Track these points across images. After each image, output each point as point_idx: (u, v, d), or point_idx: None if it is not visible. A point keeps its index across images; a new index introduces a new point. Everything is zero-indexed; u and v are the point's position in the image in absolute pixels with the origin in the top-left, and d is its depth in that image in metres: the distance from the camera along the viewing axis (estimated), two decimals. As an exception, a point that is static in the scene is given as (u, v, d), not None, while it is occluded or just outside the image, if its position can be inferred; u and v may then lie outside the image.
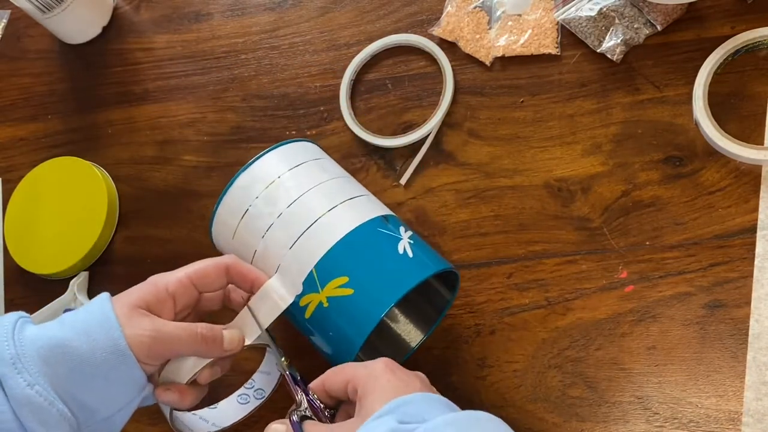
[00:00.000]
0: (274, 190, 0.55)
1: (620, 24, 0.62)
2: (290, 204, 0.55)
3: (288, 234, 0.54)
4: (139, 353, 0.49)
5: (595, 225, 0.59)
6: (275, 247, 0.54)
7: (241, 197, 0.56)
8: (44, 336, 0.48)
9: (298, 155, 0.58)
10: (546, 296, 0.58)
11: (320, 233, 0.53)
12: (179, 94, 0.77)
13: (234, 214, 0.56)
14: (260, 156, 0.57)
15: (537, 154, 0.63)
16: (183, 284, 0.53)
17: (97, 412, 0.49)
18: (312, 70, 0.73)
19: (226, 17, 0.79)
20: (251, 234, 0.55)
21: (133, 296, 0.51)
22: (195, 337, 0.51)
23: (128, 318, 0.50)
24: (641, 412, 0.53)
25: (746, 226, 0.55)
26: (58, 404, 0.47)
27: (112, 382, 0.49)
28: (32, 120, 0.81)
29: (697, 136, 0.59)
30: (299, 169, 0.57)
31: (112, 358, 0.48)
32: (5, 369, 0.47)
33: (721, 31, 0.61)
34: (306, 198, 0.55)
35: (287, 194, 0.55)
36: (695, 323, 0.54)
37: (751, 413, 0.51)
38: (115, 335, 0.49)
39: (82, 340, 0.48)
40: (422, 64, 0.70)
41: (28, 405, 0.46)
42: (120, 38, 0.82)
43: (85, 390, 0.48)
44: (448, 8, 0.70)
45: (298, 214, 0.54)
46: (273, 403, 0.59)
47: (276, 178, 0.56)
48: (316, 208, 0.54)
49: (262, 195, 0.55)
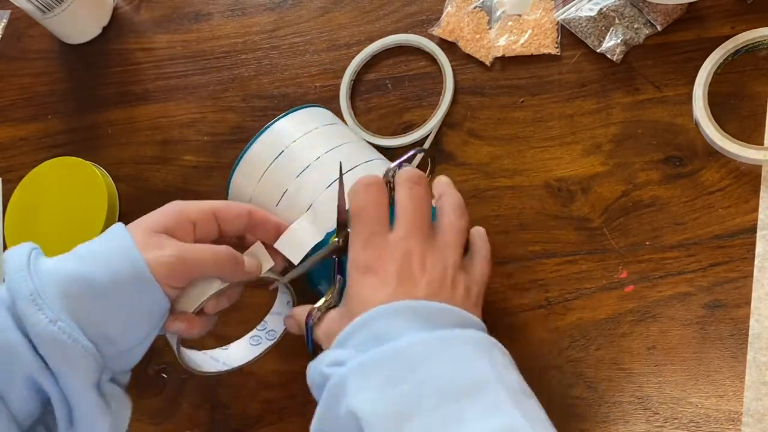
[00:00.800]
0: (314, 137, 0.58)
1: (620, 24, 0.62)
2: (329, 150, 0.57)
3: (326, 175, 0.55)
4: (161, 277, 0.48)
5: (595, 225, 0.59)
6: (310, 187, 0.55)
7: (277, 139, 0.57)
8: (63, 269, 0.46)
9: (333, 118, 0.62)
10: (546, 296, 0.58)
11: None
12: (179, 94, 0.77)
13: (268, 154, 0.57)
14: (299, 108, 0.60)
15: (537, 154, 0.63)
16: (206, 215, 0.52)
17: (121, 344, 0.48)
18: (312, 70, 0.73)
19: (226, 17, 0.79)
20: (284, 174, 0.56)
21: (152, 220, 0.50)
22: (220, 256, 0.50)
23: (147, 243, 0.48)
24: (641, 412, 0.53)
25: (746, 226, 0.55)
26: (83, 340, 0.45)
27: (136, 310, 0.48)
28: (32, 120, 0.81)
29: (697, 136, 0.59)
30: (336, 126, 0.61)
31: (135, 285, 0.47)
32: (24, 305, 0.45)
33: (721, 31, 0.61)
34: (345, 148, 0.58)
35: (328, 141, 0.58)
36: (695, 323, 0.54)
37: (751, 413, 0.51)
38: (137, 262, 0.47)
39: (103, 271, 0.47)
40: (422, 64, 0.70)
41: (52, 342, 0.44)
42: (120, 38, 0.82)
43: (110, 322, 0.47)
44: (448, 8, 0.70)
45: (336, 160, 0.55)
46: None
47: (314, 129, 0.58)
48: (355, 157, 0.57)
49: (300, 140, 0.57)
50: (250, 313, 0.66)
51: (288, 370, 0.63)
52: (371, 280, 0.46)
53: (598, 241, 0.59)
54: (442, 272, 0.47)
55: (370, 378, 0.41)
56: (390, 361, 0.42)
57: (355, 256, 0.48)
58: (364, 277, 0.47)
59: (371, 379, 0.41)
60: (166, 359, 0.67)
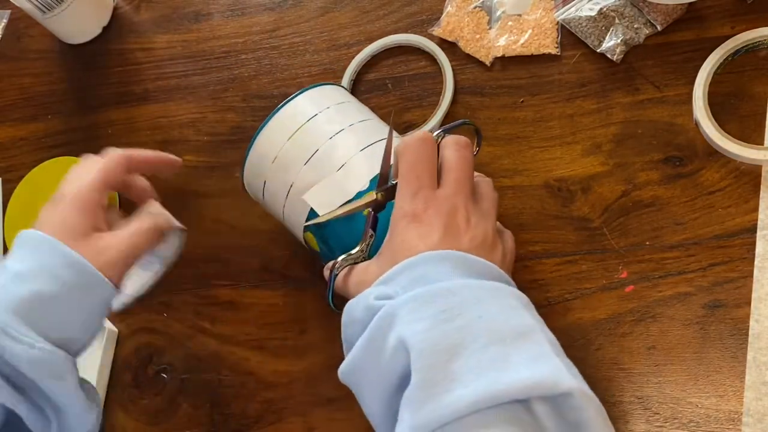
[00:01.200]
0: (347, 107, 0.59)
1: (620, 24, 0.62)
2: (362, 120, 0.58)
3: (359, 140, 0.56)
4: (110, 274, 0.52)
5: (595, 225, 0.59)
6: (344, 148, 0.55)
7: (311, 103, 0.58)
8: (12, 295, 0.49)
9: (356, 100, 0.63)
10: (546, 296, 0.58)
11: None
12: (179, 94, 0.77)
13: (304, 114, 0.58)
14: (329, 83, 0.62)
15: (537, 154, 0.63)
16: (103, 191, 0.55)
17: (83, 339, 0.52)
18: (312, 70, 0.73)
19: (226, 17, 0.79)
20: (317, 135, 0.56)
21: (73, 223, 0.53)
22: (149, 234, 0.56)
23: (85, 246, 0.51)
24: (641, 412, 0.53)
25: (746, 226, 0.55)
26: (59, 351, 0.48)
27: (92, 308, 0.52)
28: (32, 120, 0.81)
29: (697, 136, 0.59)
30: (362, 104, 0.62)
31: (87, 289, 0.51)
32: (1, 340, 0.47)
33: (721, 31, 0.61)
34: (374, 122, 0.59)
35: (359, 113, 0.59)
36: (695, 323, 0.54)
37: (751, 413, 0.51)
38: (83, 268, 0.50)
39: (53, 284, 0.49)
40: (422, 64, 0.70)
41: (39, 364, 0.47)
42: (120, 38, 0.82)
43: (71, 327, 0.50)
44: (448, 8, 0.70)
45: (369, 129, 0.57)
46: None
47: (346, 101, 0.60)
48: (384, 129, 0.58)
49: (334, 106, 0.58)
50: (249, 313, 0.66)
51: (288, 370, 0.63)
52: (418, 229, 0.47)
53: (598, 241, 0.59)
54: (484, 232, 0.48)
55: (423, 310, 0.42)
56: (443, 297, 0.42)
57: (402, 205, 0.49)
58: (410, 225, 0.47)
59: (424, 311, 0.42)
60: (166, 359, 0.67)
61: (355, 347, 0.44)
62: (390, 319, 0.42)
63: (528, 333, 0.42)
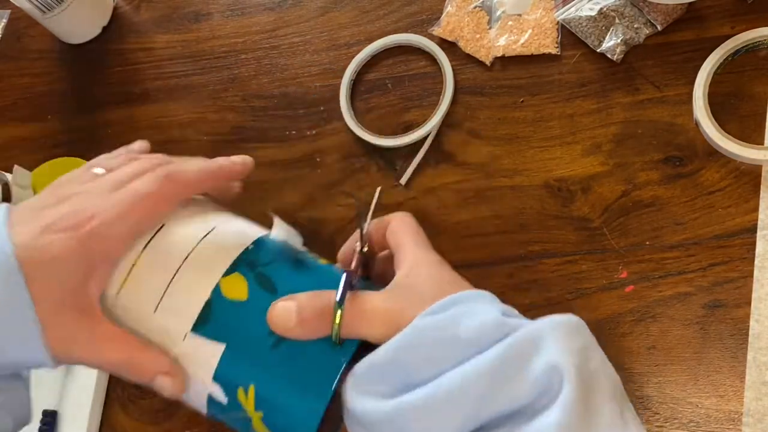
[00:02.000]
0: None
1: (620, 24, 0.62)
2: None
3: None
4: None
5: (595, 225, 0.59)
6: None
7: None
8: None
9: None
10: (546, 296, 0.58)
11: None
12: (179, 94, 0.77)
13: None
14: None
15: (537, 154, 0.63)
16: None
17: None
18: (312, 70, 0.73)
19: (226, 17, 0.79)
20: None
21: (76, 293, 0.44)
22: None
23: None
24: (641, 412, 0.53)
25: (746, 226, 0.55)
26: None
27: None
28: (32, 120, 0.81)
29: (697, 136, 0.59)
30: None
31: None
32: None
33: (721, 31, 0.61)
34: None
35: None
36: (695, 323, 0.54)
37: (751, 413, 0.51)
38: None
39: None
40: (422, 64, 0.70)
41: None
42: (120, 38, 0.82)
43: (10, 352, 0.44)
44: (448, 8, 0.70)
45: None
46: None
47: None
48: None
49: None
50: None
51: (288, 370, 0.63)
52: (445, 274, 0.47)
53: (598, 241, 0.59)
54: None
55: (569, 341, 0.41)
56: (578, 332, 0.42)
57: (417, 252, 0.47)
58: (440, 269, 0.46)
59: (571, 342, 0.41)
60: (166, 359, 0.67)
61: (488, 359, 0.40)
62: (537, 342, 0.41)
63: (623, 389, 0.42)
